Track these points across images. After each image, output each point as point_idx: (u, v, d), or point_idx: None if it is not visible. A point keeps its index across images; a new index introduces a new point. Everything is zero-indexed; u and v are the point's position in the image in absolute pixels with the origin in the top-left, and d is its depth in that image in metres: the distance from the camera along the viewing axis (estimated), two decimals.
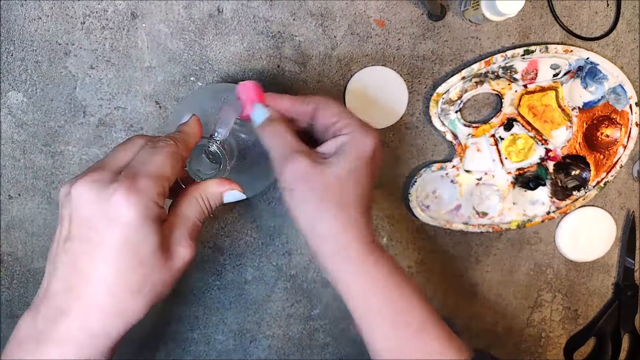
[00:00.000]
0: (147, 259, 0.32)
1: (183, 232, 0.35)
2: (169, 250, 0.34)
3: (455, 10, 0.51)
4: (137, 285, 0.32)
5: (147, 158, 0.34)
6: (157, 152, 0.34)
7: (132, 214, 0.31)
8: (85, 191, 0.32)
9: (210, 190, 0.38)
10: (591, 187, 0.56)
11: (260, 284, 0.55)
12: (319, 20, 0.50)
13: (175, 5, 0.48)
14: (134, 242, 0.32)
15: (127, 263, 0.32)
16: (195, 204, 0.37)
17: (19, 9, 0.47)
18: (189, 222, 0.36)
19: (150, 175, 0.33)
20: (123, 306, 0.32)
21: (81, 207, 0.32)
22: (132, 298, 0.32)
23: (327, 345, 0.57)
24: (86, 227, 0.32)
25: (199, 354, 0.56)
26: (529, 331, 0.60)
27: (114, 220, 0.31)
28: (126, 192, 0.31)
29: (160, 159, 0.34)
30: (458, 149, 0.53)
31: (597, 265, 0.60)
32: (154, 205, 0.32)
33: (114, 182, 0.32)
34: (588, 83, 0.54)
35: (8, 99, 0.49)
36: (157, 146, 0.35)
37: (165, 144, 0.35)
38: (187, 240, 0.35)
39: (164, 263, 0.33)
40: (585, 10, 0.53)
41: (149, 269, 0.33)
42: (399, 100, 0.52)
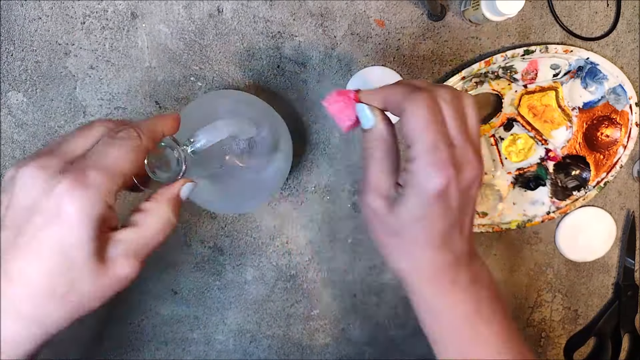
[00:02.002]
0: (79, 265, 0.29)
1: (129, 246, 0.31)
2: (105, 262, 0.30)
3: (455, 10, 0.51)
4: (62, 292, 0.29)
5: (103, 149, 0.30)
6: (117, 145, 0.31)
7: (74, 210, 0.28)
8: (29, 178, 0.28)
9: (173, 192, 0.34)
10: (591, 187, 0.56)
11: (260, 284, 0.55)
12: (319, 20, 0.50)
13: (175, 5, 0.48)
14: (68, 243, 0.28)
15: (56, 265, 0.28)
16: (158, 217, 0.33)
17: (19, 9, 0.47)
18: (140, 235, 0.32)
19: (103, 169, 0.29)
20: (42, 312, 0.29)
21: (22, 194, 0.28)
22: (54, 304, 0.29)
23: (327, 345, 0.57)
24: (22, 218, 0.28)
25: (199, 354, 0.56)
26: (529, 331, 0.60)
27: (54, 214, 0.28)
28: (72, 184, 0.28)
29: (118, 152, 0.30)
30: None
31: (597, 265, 0.60)
32: (101, 204, 0.29)
33: (63, 171, 0.28)
34: (588, 83, 0.54)
35: (8, 99, 0.49)
36: (117, 137, 0.31)
37: (127, 135, 0.31)
38: (130, 256, 0.31)
39: (96, 274, 0.29)
40: (585, 10, 0.53)
41: (78, 276, 0.29)
42: None
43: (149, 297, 0.54)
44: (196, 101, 0.47)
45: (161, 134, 0.34)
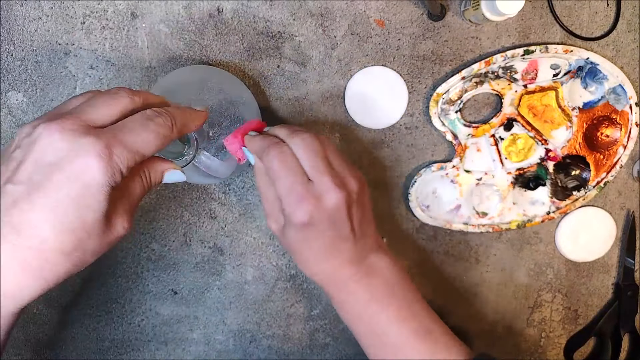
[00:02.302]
0: (90, 225, 0.31)
1: (125, 206, 0.34)
2: (110, 221, 0.32)
3: (455, 10, 0.51)
4: (69, 248, 0.30)
5: (138, 128, 0.32)
6: (150, 128, 0.32)
7: (97, 176, 0.30)
8: (57, 137, 0.29)
9: (154, 166, 0.37)
10: (591, 187, 0.56)
11: (260, 284, 0.55)
12: (319, 20, 0.50)
13: (175, 5, 0.48)
14: (85, 204, 0.30)
15: (70, 223, 0.30)
16: (138, 178, 0.35)
17: (19, 9, 0.47)
18: (131, 197, 0.35)
19: (132, 147, 0.31)
20: (48, 266, 0.30)
21: (46, 151, 0.30)
22: (60, 260, 0.31)
23: (327, 345, 0.57)
24: (41, 174, 0.29)
25: (199, 354, 0.56)
26: (529, 331, 0.60)
27: (78, 175, 0.29)
28: (101, 153, 0.29)
29: (150, 136, 0.32)
30: (458, 149, 0.53)
31: (597, 265, 0.60)
32: (119, 176, 0.31)
33: (92, 136, 0.30)
34: (588, 83, 0.54)
35: (8, 99, 0.49)
36: (154, 120, 0.33)
37: (164, 123, 0.33)
38: (126, 214, 0.34)
39: (102, 233, 0.32)
40: (585, 10, 0.53)
41: (87, 235, 0.31)
42: (399, 100, 0.52)
43: (149, 297, 0.54)
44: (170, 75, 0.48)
45: (190, 130, 0.37)
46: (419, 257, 0.57)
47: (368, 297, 0.42)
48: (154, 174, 0.37)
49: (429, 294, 0.57)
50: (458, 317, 0.58)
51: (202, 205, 0.53)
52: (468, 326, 0.59)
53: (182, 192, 0.52)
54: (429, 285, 0.57)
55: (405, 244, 0.56)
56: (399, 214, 0.55)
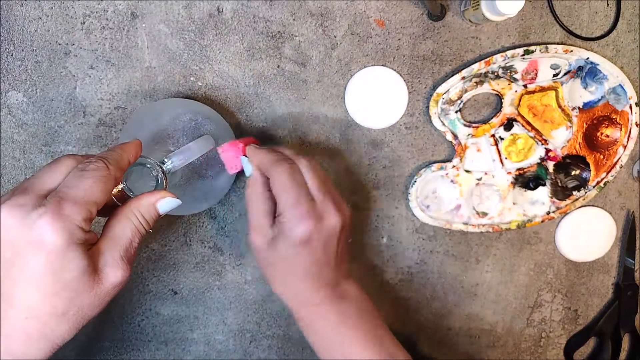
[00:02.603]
0: (72, 284, 0.32)
1: (114, 254, 0.35)
2: (97, 273, 0.33)
3: (455, 10, 0.51)
4: (62, 309, 0.32)
5: (75, 182, 0.33)
6: (86, 176, 0.34)
7: (56, 239, 0.31)
8: (8, 216, 0.31)
9: (142, 204, 0.37)
10: (591, 187, 0.56)
11: (260, 284, 0.55)
12: (319, 20, 0.50)
13: (175, 5, 0.48)
14: (57, 267, 0.31)
15: (51, 288, 0.31)
16: (128, 222, 0.36)
17: (19, 9, 0.47)
18: (121, 242, 0.35)
19: (76, 200, 0.32)
20: (47, 330, 0.32)
21: (4, 231, 0.31)
22: (56, 322, 0.32)
23: None
24: (10, 252, 0.31)
25: (199, 354, 0.56)
26: (529, 331, 0.60)
27: (38, 245, 0.31)
28: (51, 218, 0.31)
29: (88, 183, 0.33)
30: (458, 149, 0.53)
31: (597, 265, 0.60)
32: (79, 231, 0.32)
33: (39, 206, 0.31)
34: (588, 83, 0.54)
35: (8, 99, 0.49)
36: (86, 169, 0.34)
37: (96, 167, 0.34)
38: (118, 262, 0.34)
39: (91, 286, 0.33)
40: (585, 10, 0.53)
41: (74, 293, 0.32)
42: (399, 100, 0.52)
43: (149, 297, 0.54)
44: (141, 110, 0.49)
45: (127, 162, 0.38)
46: (419, 257, 0.57)
47: (339, 320, 0.43)
48: (145, 210, 0.37)
49: (429, 294, 0.57)
50: (458, 317, 0.58)
51: None
52: (468, 326, 0.59)
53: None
54: (428, 285, 0.57)
55: (405, 244, 0.56)
56: (398, 214, 0.55)
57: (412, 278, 0.57)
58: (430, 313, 0.58)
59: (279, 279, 0.44)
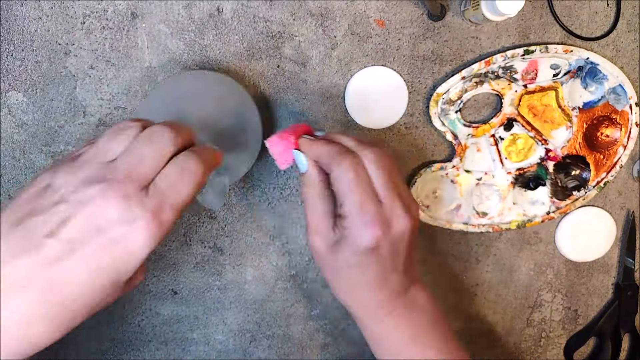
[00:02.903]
0: (119, 284, 0.31)
1: (146, 259, 0.33)
2: (132, 277, 0.32)
3: (455, 10, 0.51)
4: (95, 305, 0.31)
5: (177, 182, 0.31)
6: (187, 178, 0.32)
7: (145, 245, 0.30)
8: (113, 205, 0.29)
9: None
10: (591, 187, 0.56)
11: (260, 284, 0.55)
12: (319, 20, 0.50)
13: (175, 5, 0.48)
14: (123, 268, 0.30)
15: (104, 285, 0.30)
16: None
17: (19, 9, 0.47)
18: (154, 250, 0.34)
19: (176, 207, 0.31)
20: (72, 320, 0.30)
21: (99, 216, 0.29)
22: (83, 313, 0.31)
23: (327, 345, 0.57)
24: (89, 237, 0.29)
25: (199, 354, 0.56)
26: (529, 331, 0.60)
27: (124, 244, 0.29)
28: (150, 224, 0.29)
29: (188, 189, 0.32)
30: (458, 149, 0.53)
31: (597, 265, 0.60)
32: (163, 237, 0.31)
33: (144, 204, 0.30)
34: (588, 83, 0.54)
35: (8, 99, 0.49)
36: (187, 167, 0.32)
37: (196, 168, 0.32)
38: (144, 267, 0.33)
39: (124, 288, 0.32)
40: (585, 10, 0.53)
41: (113, 292, 0.31)
42: (399, 100, 0.52)
43: (149, 297, 0.54)
44: (161, 86, 0.48)
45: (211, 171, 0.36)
46: (419, 257, 0.57)
47: (410, 334, 0.40)
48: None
49: None
50: (458, 317, 0.58)
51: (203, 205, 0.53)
52: (468, 326, 0.59)
53: None
54: (429, 285, 0.57)
55: None
56: None
57: None
58: None
59: (342, 286, 0.41)
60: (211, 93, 0.47)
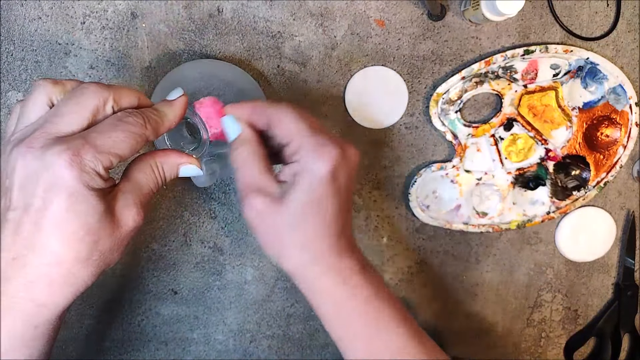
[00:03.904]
0: (94, 227, 0.31)
1: (132, 199, 0.33)
2: (116, 217, 0.32)
3: (455, 10, 0.51)
4: (86, 254, 0.31)
5: (107, 129, 0.32)
6: (120, 128, 0.32)
7: (74, 184, 0.30)
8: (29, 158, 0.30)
9: (168, 159, 0.36)
10: (591, 187, 0.56)
11: (260, 284, 0.55)
12: (319, 20, 0.50)
13: (175, 5, 0.48)
14: (80, 210, 0.30)
15: (74, 232, 0.31)
16: (149, 171, 0.35)
17: (19, 9, 0.47)
18: (139, 188, 0.34)
19: (102, 150, 0.31)
20: (71, 276, 0.32)
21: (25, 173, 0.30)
22: (80, 267, 0.32)
23: (327, 345, 0.57)
24: (30, 195, 0.30)
25: (199, 354, 0.56)
26: (529, 331, 0.60)
27: (59, 188, 0.30)
28: (68, 164, 0.30)
29: (120, 136, 0.32)
30: (458, 149, 0.53)
31: (597, 265, 0.60)
32: (98, 177, 0.31)
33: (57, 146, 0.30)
34: (588, 83, 0.54)
35: (8, 99, 0.49)
36: (123, 120, 0.32)
37: (135, 122, 0.33)
38: (135, 207, 0.33)
39: (112, 230, 0.32)
40: (585, 10, 0.53)
41: (96, 237, 0.31)
42: (399, 100, 0.52)
43: (149, 297, 0.54)
44: (174, 72, 0.48)
45: (167, 128, 0.35)
46: (419, 257, 0.57)
47: (373, 292, 0.37)
48: (168, 167, 0.36)
49: (429, 294, 0.57)
50: (458, 317, 0.58)
51: (202, 205, 0.53)
52: (468, 326, 0.59)
53: (182, 192, 0.52)
54: (429, 285, 0.57)
55: (405, 244, 0.56)
56: (398, 214, 0.55)
57: (412, 278, 0.57)
58: (430, 313, 0.58)
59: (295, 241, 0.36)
60: (221, 79, 0.47)
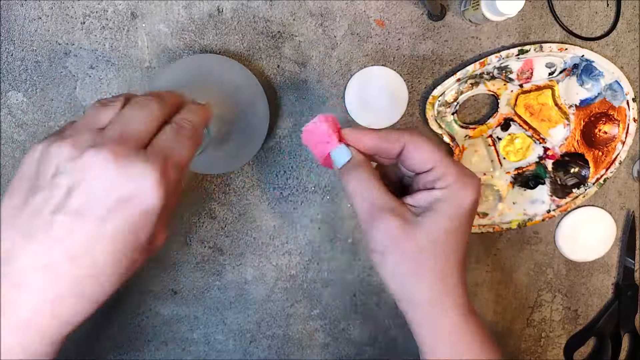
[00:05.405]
0: (142, 247, 0.30)
1: (165, 219, 0.32)
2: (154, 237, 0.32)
3: (455, 10, 0.51)
4: (124, 271, 0.30)
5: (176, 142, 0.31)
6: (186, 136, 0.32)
7: (156, 202, 0.29)
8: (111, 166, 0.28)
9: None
10: (591, 184, 0.56)
11: (260, 284, 0.55)
12: (319, 20, 0.50)
13: (175, 5, 0.48)
14: (141, 228, 0.29)
15: (126, 249, 0.29)
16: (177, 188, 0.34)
17: (19, 9, 0.47)
18: (170, 208, 0.33)
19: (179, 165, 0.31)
20: (102, 291, 0.30)
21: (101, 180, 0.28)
22: (113, 281, 0.30)
23: (327, 345, 0.57)
24: (97, 203, 0.28)
25: (199, 354, 0.56)
26: (529, 331, 0.60)
27: (135, 204, 0.29)
28: (159, 177, 0.29)
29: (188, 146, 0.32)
30: (456, 150, 0.53)
31: (597, 265, 0.60)
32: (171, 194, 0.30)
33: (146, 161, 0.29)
34: (584, 80, 0.54)
35: (8, 99, 0.49)
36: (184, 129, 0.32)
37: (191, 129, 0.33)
38: (166, 227, 0.33)
39: (148, 250, 0.31)
40: (585, 10, 0.53)
41: (138, 255, 0.31)
42: (399, 100, 0.52)
43: (149, 297, 0.54)
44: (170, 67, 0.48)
45: (204, 127, 0.37)
46: None
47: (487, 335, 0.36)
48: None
49: None
50: None
51: (202, 205, 0.53)
52: None
53: (182, 192, 0.52)
54: None
55: None
56: None
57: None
58: None
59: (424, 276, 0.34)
60: (222, 75, 0.48)
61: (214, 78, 0.48)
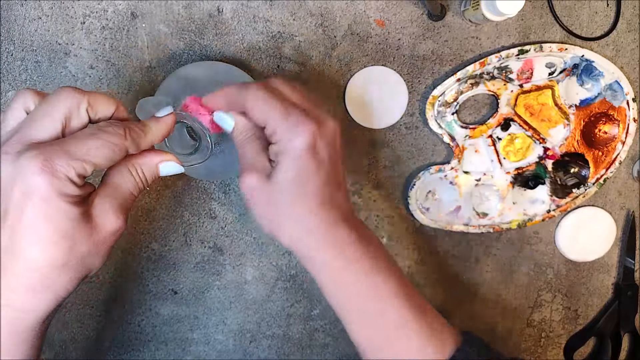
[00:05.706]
0: (69, 232, 0.31)
1: (109, 202, 0.33)
2: (93, 221, 0.32)
3: (455, 10, 0.51)
4: (62, 259, 0.31)
5: (84, 139, 0.32)
6: (98, 136, 0.32)
7: (47, 190, 0.30)
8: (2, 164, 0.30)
9: (145, 160, 0.36)
10: (591, 184, 0.56)
11: (260, 284, 0.55)
12: (319, 20, 0.50)
13: (175, 5, 0.48)
14: (54, 216, 0.30)
15: (50, 237, 0.30)
16: (127, 174, 0.35)
17: (19, 9, 0.47)
18: (117, 192, 0.34)
19: (76, 157, 0.31)
20: (49, 282, 0.31)
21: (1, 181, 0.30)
22: (58, 273, 0.31)
23: (327, 345, 0.57)
24: (5, 202, 0.30)
25: (199, 354, 0.56)
26: (529, 331, 0.60)
27: (32, 194, 0.30)
28: (40, 170, 0.29)
29: (96, 144, 0.32)
30: (456, 150, 0.53)
31: (597, 265, 0.60)
32: (72, 184, 0.31)
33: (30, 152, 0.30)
34: (584, 80, 0.54)
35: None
36: (103, 130, 0.32)
37: (113, 132, 0.33)
38: (113, 211, 0.33)
39: (89, 235, 0.32)
40: (585, 10, 0.53)
41: (72, 242, 0.31)
42: (399, 100, 0.52)
43: (149, 297, 0.54)
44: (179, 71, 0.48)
45: (150, 143, 0.36)
46: (419, 257, 0.57)
47: (370, 265, 0.38)
48: (147, 168, 0.36)
49: (429, 294, 0.57)
50: (458, 317, 0.58)
51: (202, 205, 0.53)
52: (468, 326, 0.59)
53: (182, 192, 0.52)
54: (429, 285, 0.57)
55: (405, 244, 0.56)
56: (398, 214, 0.55)
57: (412, 278, 0.57)
58: None
59: (287, 215, 0.37)
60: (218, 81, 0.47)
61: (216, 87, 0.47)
